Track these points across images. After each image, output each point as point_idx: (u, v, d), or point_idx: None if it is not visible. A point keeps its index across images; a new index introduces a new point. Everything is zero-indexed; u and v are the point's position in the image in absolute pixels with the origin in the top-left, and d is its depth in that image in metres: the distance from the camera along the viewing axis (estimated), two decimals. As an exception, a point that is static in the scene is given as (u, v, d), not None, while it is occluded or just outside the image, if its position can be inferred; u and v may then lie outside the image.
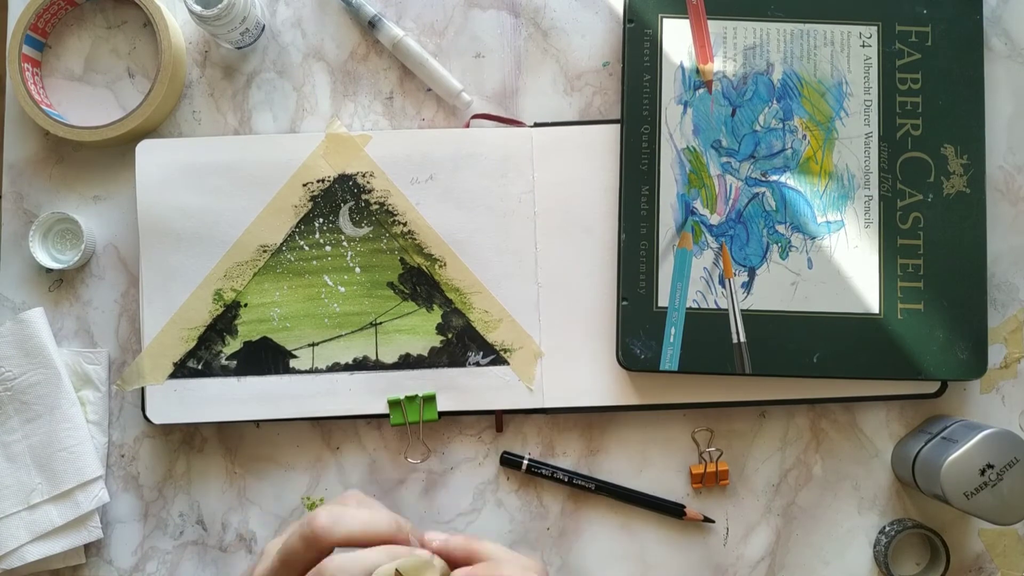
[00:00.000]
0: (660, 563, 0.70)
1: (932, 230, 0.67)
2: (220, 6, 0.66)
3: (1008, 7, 0.72)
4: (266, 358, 0.69)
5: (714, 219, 0.67)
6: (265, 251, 0.70)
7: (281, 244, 0.70)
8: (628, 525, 0.70)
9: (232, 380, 0.69)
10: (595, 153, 0.70)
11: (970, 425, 0.65)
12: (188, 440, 0.71)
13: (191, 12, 0.67)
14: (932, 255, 0.67)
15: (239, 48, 0.72)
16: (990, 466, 0.62)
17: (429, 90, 0.72)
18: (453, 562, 0.47)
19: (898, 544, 0.69)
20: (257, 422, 0.71)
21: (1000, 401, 0.70)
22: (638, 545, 0.70)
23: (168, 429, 0.71)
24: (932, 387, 0.68)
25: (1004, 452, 0.62)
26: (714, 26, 0.69)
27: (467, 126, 0.71)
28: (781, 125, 0.68)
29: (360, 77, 0.73)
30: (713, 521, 0.70)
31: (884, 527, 0.69)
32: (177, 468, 0.71)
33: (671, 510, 0.69)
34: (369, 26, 0.72)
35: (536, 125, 0.71)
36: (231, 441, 0.71)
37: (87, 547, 0.70)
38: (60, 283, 0.72)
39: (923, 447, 0.66)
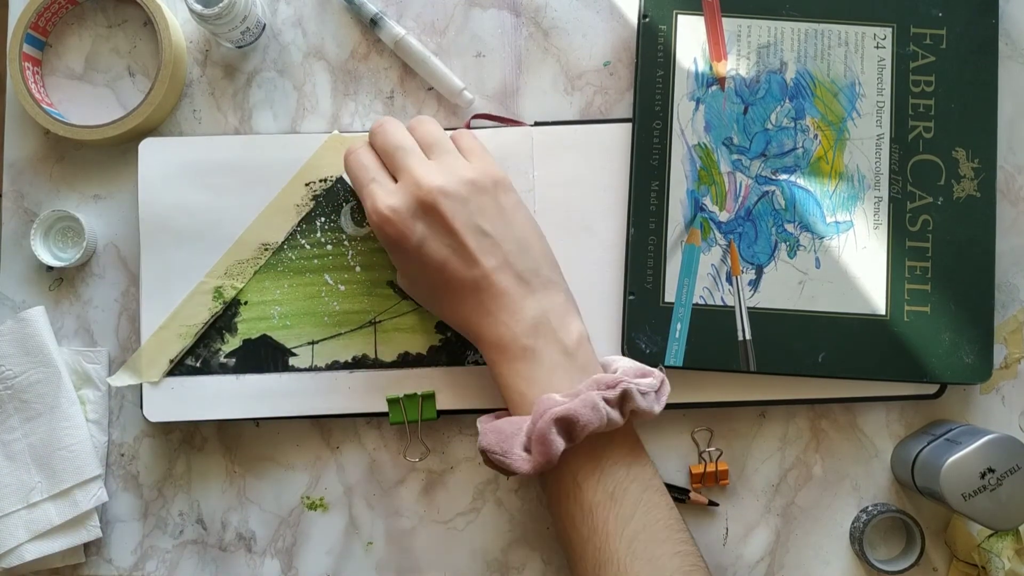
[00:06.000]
0: (660, 563, 0.65)
1: (941, 233, 0.63)
2: (221, 5, 0.61)
3: (1008, 7, 0.67)
4: (265, 356, 0.64)
5: (723, 216, 0.63)
6: (266, 249, 0.65)
7: (282, 243, 0.65)
8: (628, 525, 0.66)
9: (231, 378, 0.64)
10: (596, 152, 0.65)
11: (974, 430, 0.61)
12: (188, 439, 0.67)
13: (192, 11, 0.62)
14: (940, 258, 0.63)
15: (240, 47, 0.68)
16: (991, 470, 0.58)
17: (430, 89, 0.68)
18: None
19: (876, 528, 0.65)
20: (256, 420, 0.66)
21: (1000, 402, 0.66)
22: (638, 545, 0.65)
23: (168, 428, 0.66)
24: (932, 388, 0.64)
25: (1007, 458, 0.58)
26: (728, 23, 0.64)
27: (467, 126, 0.67)
28: (793, 124, 0.64)
29: (361, 76, 0.68)
30: (717, 504, 0.65)
31: (867, 507, 0.65)
32: (177, 467, 0.67)
33: (674, 496, 0.64)
34: (370, 24, 0.67)
35: (536, 124, 0.66)
36: (231, 440, 0.67)
37: (87, 546, 0.66)
38: (60, 282, 0.67)
39: (925, 447, 0.62)
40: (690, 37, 0.64)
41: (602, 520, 0.53)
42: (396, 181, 0.57)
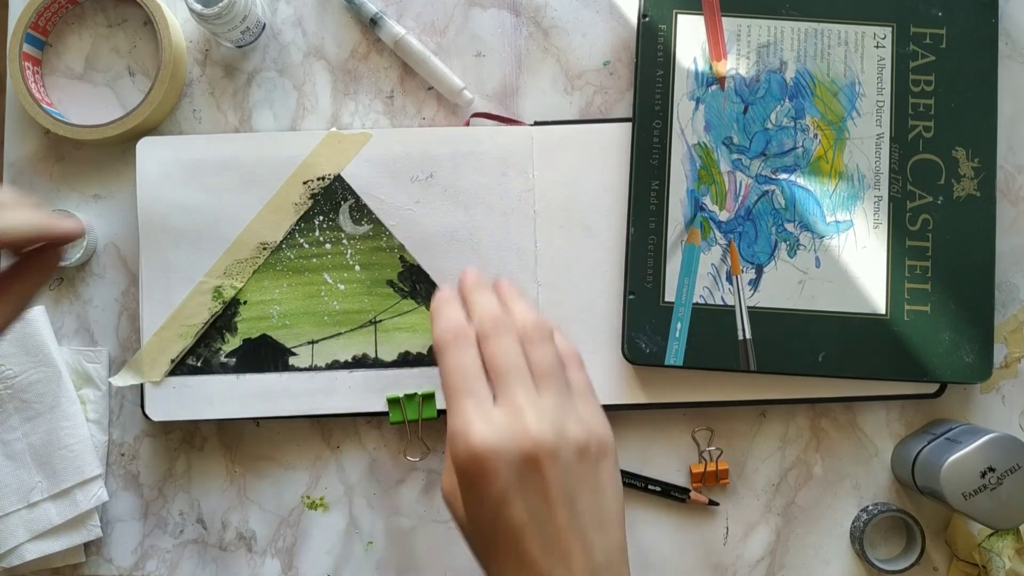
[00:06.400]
0: (660, 562, 0.65)
1: (941, 232, 0.62)
2: (220, 5, 0.61)
3: (1008, 7, 0.66)
4: (265, 356, 0.64)
5: (723, 215, 0.63)
6: (265, 248, 0.65)
7: (281, 242, 0.65)
8: (627, 525, 0.65)
9: (231, 377, 0.64)
10: (595, 152, 0.65)
11: (975, 429, 0.60)
12: (188, 439, 0.66)
13: (192, 11, 0.62)
14: (940, 257, 0.62)
15: (240, 47, 0.67)
16: (991, 469, 0.57)
17: (430, 88, 0.67)
18: None
19: (876, 528, 0.65)
20: (256, 420, 0.66)
21: (1000, 401, 0.65)
22: (637, 545, 0.65)
23: (168, 428, 0.66)
24: (932, 387, 0.64)
25: (1007, 457, 0.58)
26: (728, 23, 0.64)
27: (467, 125, 0.66)
28: (793, 123, 0.63)
29: (361, 76, 0.68)
30: (717, 504, 0.65)
31: (867, 506, 0.64)
32: (177, 467, 0.66)
33: (675, 495, 0.64)
34: (370, 24, 0.67)
35: (536, 124, 0.66)
36: (231, 440, 0.66)
37: (87, 546, 0.65)
38: (61, 281, 0.67)
39: (925, 447, 0.61)
40: (690, 37, 0.64)
41: None
42: (495, 399, 0.48)
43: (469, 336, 0.50)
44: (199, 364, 0.64)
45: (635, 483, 0.64)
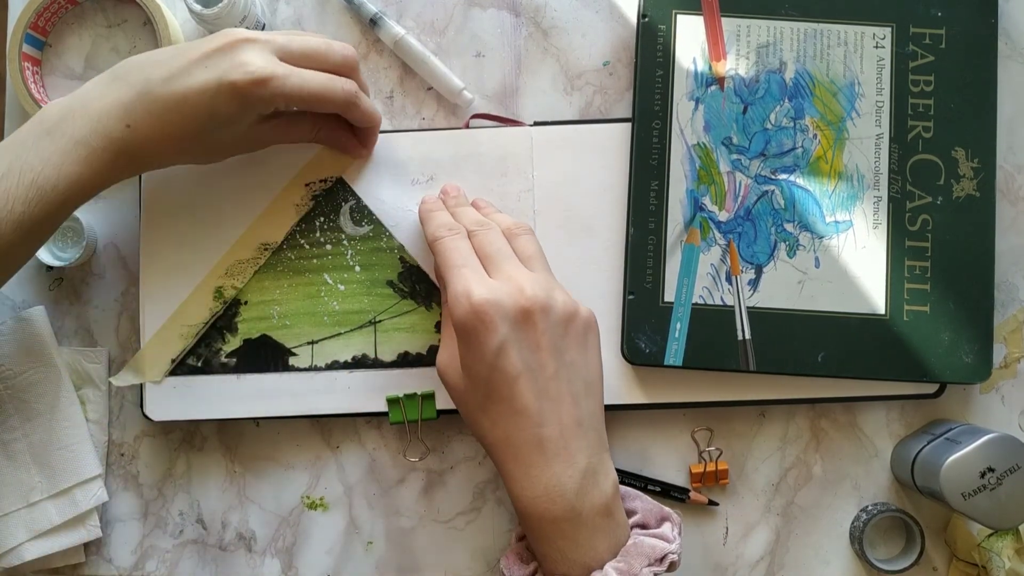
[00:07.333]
0: (659, 562, 0.65)
1: (940, 232, 0.63)
2: (220, 5, 0.62)
3: (1008, 7, 0.67)
4: (266, 356, 0.64)
5: (723, 216, 0.63)
6: (266, 249, 0.65)
7: (282, 242, 0.65)
8: (628, 524, 0.65)
9: (231, 377, 0.64)
10: (595, 152, 0.65)
11: (974, 429, 0.61)
12: (188, 439, 0.67)
13: (191, 11, 0.62)
14: (940, 257, 0.62)
15: (240, 47, 0.68)
16: (991, 469, 0.58)
17: (430, 89, 0.68)
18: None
19: (876, 528, 0.65)
20: (256, 420, 0.66)
21: (1000, 401, 0.65)
22: (638, 544, 0.65)
23: (168, 428, 0.66)
24: (932, 387, 0.64)
25: (1007, 457, 0.58)
26: (728, 23, 0.64)
27: (466, 126, 0.67)
28: (792, 124, 0.63)
29: (360, 76, 0.68)
30: (717, 504, 0.65)
31: (867, 506, 0.64)
32: (177, 467, 0.67)
33: (675, 495, 0.64)
34: (370, 24, 0.67)
35: (536, 124, 0.66)
36: (231, 440, 0.66)
37: (87, 546, 0.66)
38: (60, 282, 0.67)
39: (924, 447, 0.61)
40: (689, 37, 0.64)
41: None
42: (489, 275, 0.55)
43: (461, 230, 0.57)
44: (199, 364, 0.64)
45: (635, 483, 0.64)
